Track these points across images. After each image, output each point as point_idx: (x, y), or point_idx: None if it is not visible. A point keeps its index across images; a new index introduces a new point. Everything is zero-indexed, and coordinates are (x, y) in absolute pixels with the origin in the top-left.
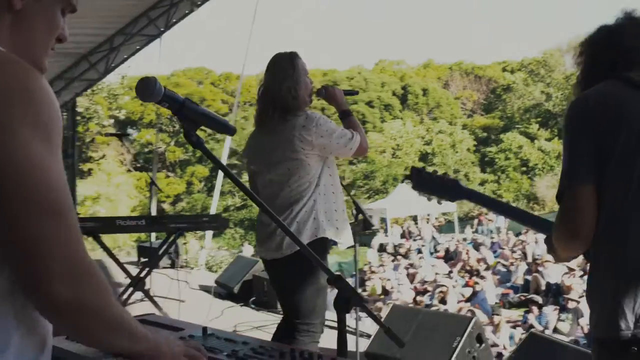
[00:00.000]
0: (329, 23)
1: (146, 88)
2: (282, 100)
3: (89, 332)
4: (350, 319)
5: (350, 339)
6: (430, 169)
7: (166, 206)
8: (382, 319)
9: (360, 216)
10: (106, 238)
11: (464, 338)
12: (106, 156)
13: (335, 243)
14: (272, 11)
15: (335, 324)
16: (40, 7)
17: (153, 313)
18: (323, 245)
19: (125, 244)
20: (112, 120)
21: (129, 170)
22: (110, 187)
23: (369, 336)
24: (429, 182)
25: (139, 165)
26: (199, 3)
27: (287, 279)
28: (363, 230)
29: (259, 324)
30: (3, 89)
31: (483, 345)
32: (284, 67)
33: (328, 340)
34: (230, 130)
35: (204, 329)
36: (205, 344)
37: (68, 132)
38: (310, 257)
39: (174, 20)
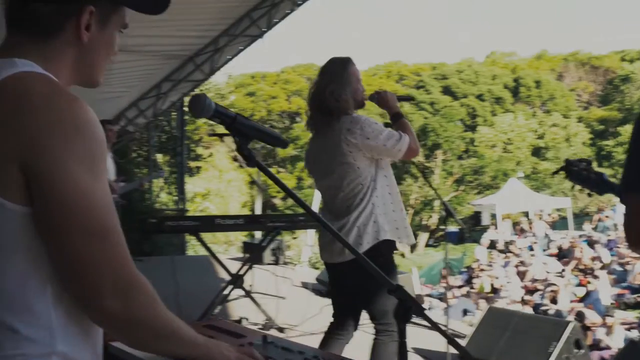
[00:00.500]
0: (437, 16)
1: (197, 105)
2: (326, 103)
3: (139, 341)
4: (442, 318)
5: (443, 339)
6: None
7: (277, 201)
8: (479, 321)
9: (451, 220)
10: (219, 234)
11: (561, 343)
12: (215, 154)
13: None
14: (379, 5)
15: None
16: (103, 36)
17: (221, 319)
18: (388, 246)
19: (237, 239)
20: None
21: (240, 166)
22: (221, 183)
23: (463, 336)
24: (579, 175)
25: None
26: (299, 3)
27: (355, 282)
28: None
29: None
30: (50, 123)
31: (582, 351)
32: (333, 70)
33: (426, 340)
34: (282, 143)
35: (264, 337)
36: (263, 352)
37: (177, 131)
38: (367, 266)
39: (276, 20)
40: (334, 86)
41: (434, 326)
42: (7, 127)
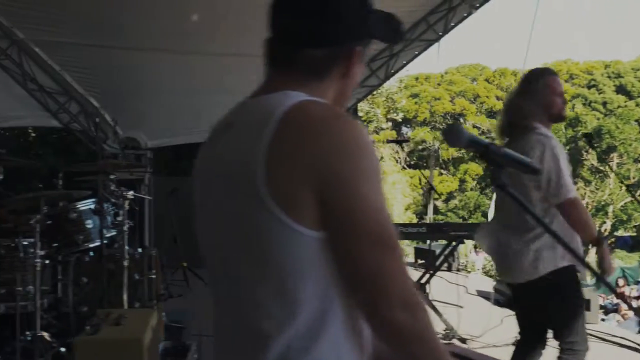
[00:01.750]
0: (609, 10)
1: (451, 134)
2: (510, 114)
3: (414, 358)
4: (616, 331)
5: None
6: None
7: (439, 203)
8: None
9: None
10: None
11: None
12: (383, 157)
13: None
14: (548, 2)
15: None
16: (359, 69)
17: (453, 343)
18: (571, 272)
19: (401, 242)
20: (389, 123)
21: (403, 168)
22: (385, 185)
23: None
24: None
25: (412, 162)
26: (477, 5)
27: (537, 301)
28: None
29: None
30: (337, 146)
31: None
32: (526, 81)
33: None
34: (533, 171)
35: None
36: None
37: None
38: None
39: (452, 24)
40: (521, 97)
41: None
42: (298, 155)
